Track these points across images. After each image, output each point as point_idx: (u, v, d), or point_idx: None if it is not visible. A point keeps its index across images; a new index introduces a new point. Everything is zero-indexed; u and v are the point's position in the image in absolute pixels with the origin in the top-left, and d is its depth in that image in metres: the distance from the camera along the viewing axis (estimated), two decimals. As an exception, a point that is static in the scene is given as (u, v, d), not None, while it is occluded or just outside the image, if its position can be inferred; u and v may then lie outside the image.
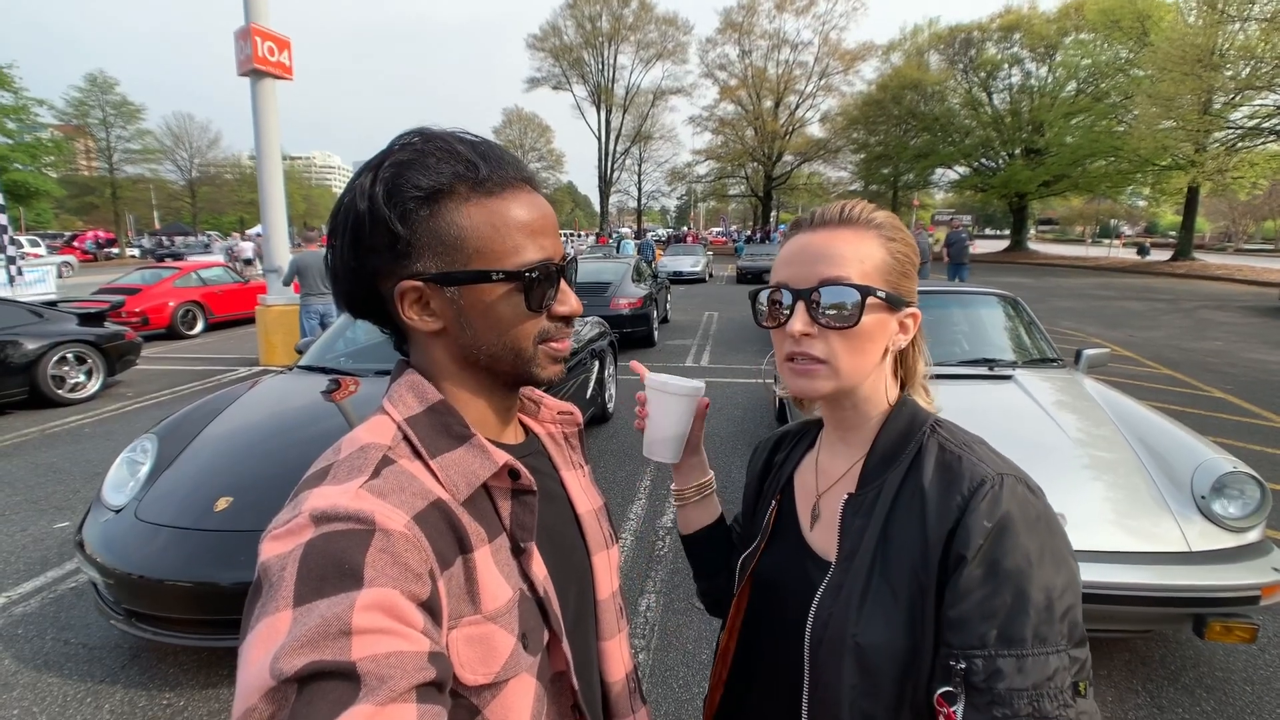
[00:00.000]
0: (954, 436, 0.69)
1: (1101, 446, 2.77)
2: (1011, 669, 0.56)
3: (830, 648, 0.65)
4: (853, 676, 0.63)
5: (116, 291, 10.35)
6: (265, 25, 7.90)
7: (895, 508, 0.66)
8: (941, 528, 0.62)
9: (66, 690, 2.44)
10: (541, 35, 43.48)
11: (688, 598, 3.03)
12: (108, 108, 38.18)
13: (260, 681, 0.40)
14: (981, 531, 0.59)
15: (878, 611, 0.63)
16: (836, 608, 0.66)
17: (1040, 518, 0.61)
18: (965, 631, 0.58)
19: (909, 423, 0.71)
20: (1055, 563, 0.59)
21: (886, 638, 0.62)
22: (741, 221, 63.22)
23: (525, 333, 0.62)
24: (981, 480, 0.62)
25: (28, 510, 3.99)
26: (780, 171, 44.11)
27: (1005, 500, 0.61)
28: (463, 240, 0.58)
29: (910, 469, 0.67)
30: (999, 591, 0.58)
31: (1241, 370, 7.66)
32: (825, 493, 0.76)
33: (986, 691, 0.56)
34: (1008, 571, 0.58)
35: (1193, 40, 19.04)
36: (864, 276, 0.67)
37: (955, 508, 0.62)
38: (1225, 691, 2.41)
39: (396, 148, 0.59)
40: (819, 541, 0.74)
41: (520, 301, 0.61)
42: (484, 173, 0.58)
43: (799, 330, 0.67)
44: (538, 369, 0.64)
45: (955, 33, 35.42)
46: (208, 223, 48.80)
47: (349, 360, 4.07)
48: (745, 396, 6.64)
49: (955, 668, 0.58)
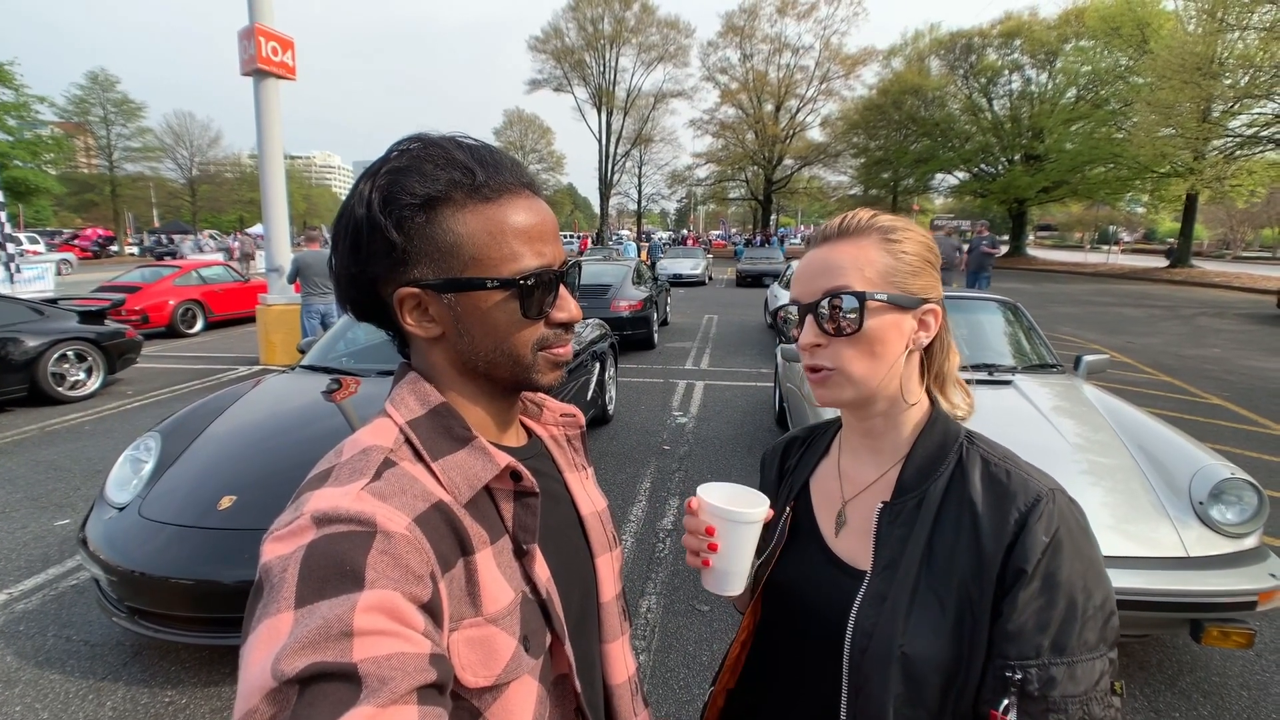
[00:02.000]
0: (993, 450, 0.71)
1: (1100, 452, 2.79)
2: (1064, 676, 0.59)
3: (875, 658, 0.65)
4: (898, 686, 0.63)
5: (116, 289, 10.35)
6: (269, 25, 7.91)
7: (941, 520, 0.67)
8: (999, 542, 0.63)
9: (68, 687, 2.44)
10: (543, 37, 43.46)
11: (688, 600, 3.04)
12: (108, 105, 38.18)
13: (262, 682, 0.40)
14: (1040, 546, 0.61)
15: (925, 622, 0.64)
16: (881, 618, 0.65)
17: (1084, 530, 0.64)
18: (1021, 643, 0.60)
19: (944, 434, 0.72)
20: (1098, 573, 0.63)
21: (934, 648, 0.63)
22: (741, 225, 63.22)
23: (523, 340, 0.62)
24: (1038, 496, 0.64)
25: (28, 507, 4.00)
26: (780, 175, 44.10)
27: (1058, 515, 0.63)
28: (459, 247, 0.58)
29: (952, 481, 0.68)
30: (1054, 603, 0.60)
31: (1239, 377, 7.68)
32: (852, 499, 0.76)
33: (1041, 700, 0.59)
34: (1062, 584, 0.61)
35: (1192, 48, 19.08)
36: (865, 282, 0.69)
37: (1014, 523, 0.63)
38: (1222, 696, 2.42)
39: (394, 154, 0.59)
40: (845, 549, 0.74)
41: (516, 309, 0.60)
42: (480, 179, 0.58)
43: (808, 342, 0.70)
44: (537, 375, 0.64)
45: (956, 38, 35.44)
46: (208, 221, 48.73)
47: (350, 360, 4.08)
48: (745, 399, 6.66)
49: (1011, 678, 0.60)
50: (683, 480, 4.49)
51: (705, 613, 2.94)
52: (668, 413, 6.18)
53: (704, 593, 3.08)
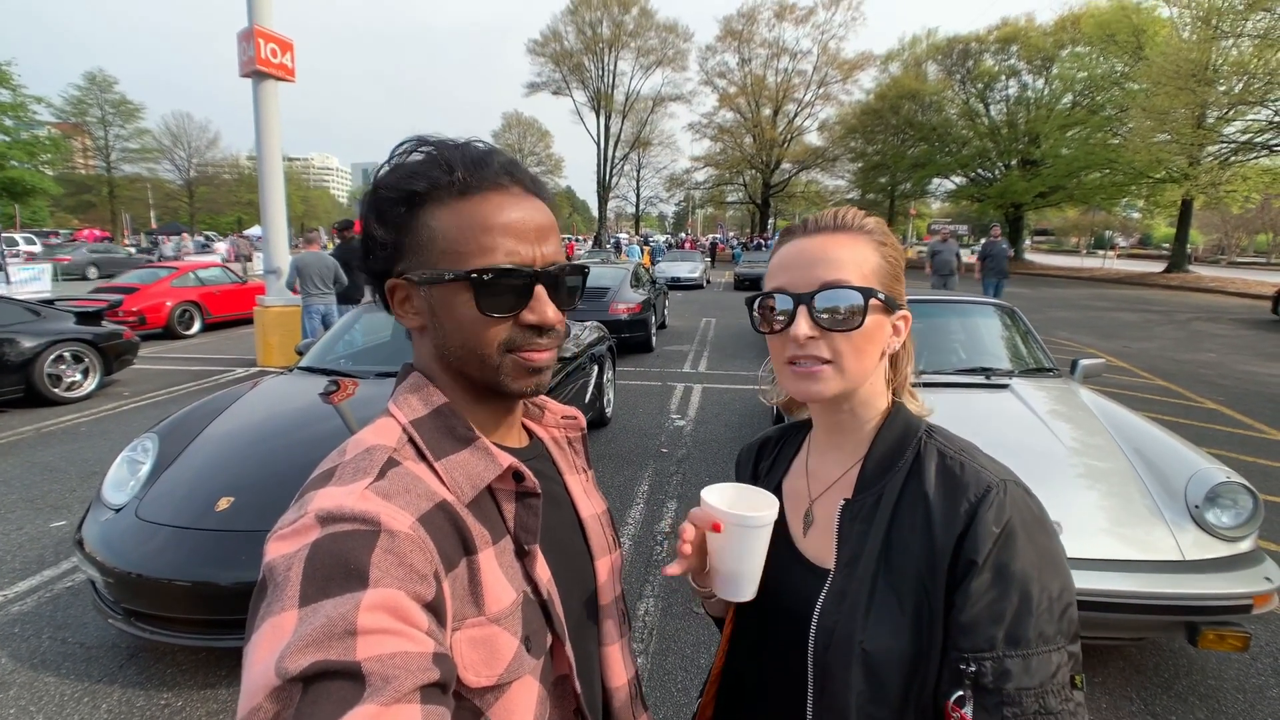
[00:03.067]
0: (951, 443, 0.71)
1: (1096, 455, 2.80)
2: (1019, 669, 0.58)
3: (837, 655, 0.65)
4: (860, 683, 0.63)
5: (114, 290, 10.33)
6: (268, 27, 7.92)
7: (898, 514, 0.67)
8: (950, 534, 0.63)
9: (63, 690, 2.43)
10: (542, 41, 43.58)
11: (686, 602, 3.04)
12: (106, 106, 38.24)
13: (265, 680, 0.40)
14: (990, 537, 0.61)
15: (884, 618, 0.64)
16: (842, 615, 0.66)
17: (1039, 521, 0.64)
18: (975, 635, 0.60)
19: (904, 429, 0.72)
20: (1055, 564, 0.62)
21: (893, 643, 0.63)
22: (739, 229, 63.29)
23: (486, 338, 0.61)
24: (988, 487, 0.64)
25: (24, 509, 3.98)
26: (778, 179, 44.27)
27: (1010, 506, 0.63)
28: (433, 241, 0.60)
29: (910, 475, 0.68)
30: (1006, 595, 0.60)
31: (1234, 382, 7.71)
32: (818, 498, 0.76)
33: (996, 692, 0.58)
34: (1014, 575, 0.60)
35: (1187, 55, 19.20)
36: (863, 279, 0.69)
37: (963, 514, 0.63)
38: (1218, 700, 2.43)
39: (392, 155, 0.63)
40: (812, 548, 0.74)
41: (474, 304, 0.60)
42: (460, 176, 0.60)
43: (804, 334, 0.68)
44: (504, 378, 0.62)
45: (953, 44, 35.61)
46: (204, 222, 48.69)
47: (349, 362, 4.08)
48: (743, 403, 6.66)
49: (965, 670, 0.60)
50: (680, 483, 4.49)
51: (703, 615, 2.94)
52: (666, 415, 6.18)
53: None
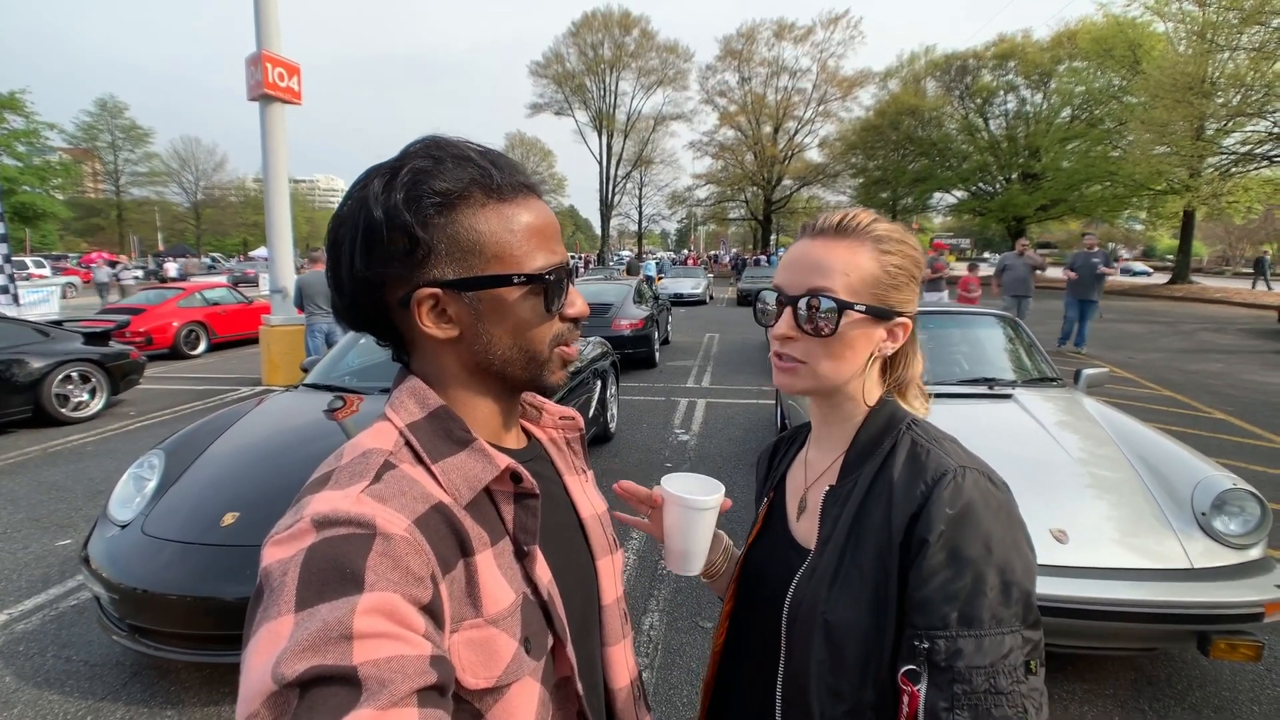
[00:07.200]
0: (926, 433, 0.74)
1: (1103, 465, 2.79)
2: (971, 648, 0.60)
3: (802, 626, 0.69)
4: (820, 652, 0.67)
5: (121, 311, 10.43)
6: (276, 52, 8.07)
7: (868, 497, 0.70)
8: (905, 513, 0.66)
9: (68, 707, 2.42)
10: (544, 62, 44.21)
11: (691, 616, 3.02)
12: (116, 131, 38.89)
13: (262, 686, 0.40)
14: (943, 518, 0.63)
15: (846, 591, 0.67)
16: (810, 589, 0.70)
17: (1001, 507, 0.65)
18: (929, 613, 0.62)
19: (887, 420, 0.76)
20: (1013, 549, 0.63)
21: (852, 616, 0.66)
22: (742, 245, 63.56)
23: (541, 336, 0.63)
24: (945, 471, 0.66)
25: (30, 528, 3.99)
26: (779, 195, 44.50)
27: (967, 490, 0.65)
28: (480, 245, 0.59)
29: (884, 462, 0.72)
30: (960, 575, 0.62)
31: (1241, 392, 7.67)
32: (811, 486, 0.81)
33: (948, 670, 0.60)
34: (968, 557, 0.62)
35: (1183, 68, 19.32)
36: (848, 288, 0.71)
37: (919, 495, 0.66)
38: (1233, 711, 2.39)
39: (412, 153, 0.59)
40: (802, 531, 0.79)
41: (539, 304, 0.62)
42: (498, 179, 0.60)
43: (782, 334, 0.74)
44: (549, 373, 0.66)
45: (951, 60, 35.93)
46: (211, 244, 49.21)
47: (353, 379, 4.10)
48: (746, 417, 6.65)
49: (919, 647, 0.62)
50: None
51: (708, 629, 2.91)
52: (669, 430, 6.17)
53: (707, 609, 3.06)
